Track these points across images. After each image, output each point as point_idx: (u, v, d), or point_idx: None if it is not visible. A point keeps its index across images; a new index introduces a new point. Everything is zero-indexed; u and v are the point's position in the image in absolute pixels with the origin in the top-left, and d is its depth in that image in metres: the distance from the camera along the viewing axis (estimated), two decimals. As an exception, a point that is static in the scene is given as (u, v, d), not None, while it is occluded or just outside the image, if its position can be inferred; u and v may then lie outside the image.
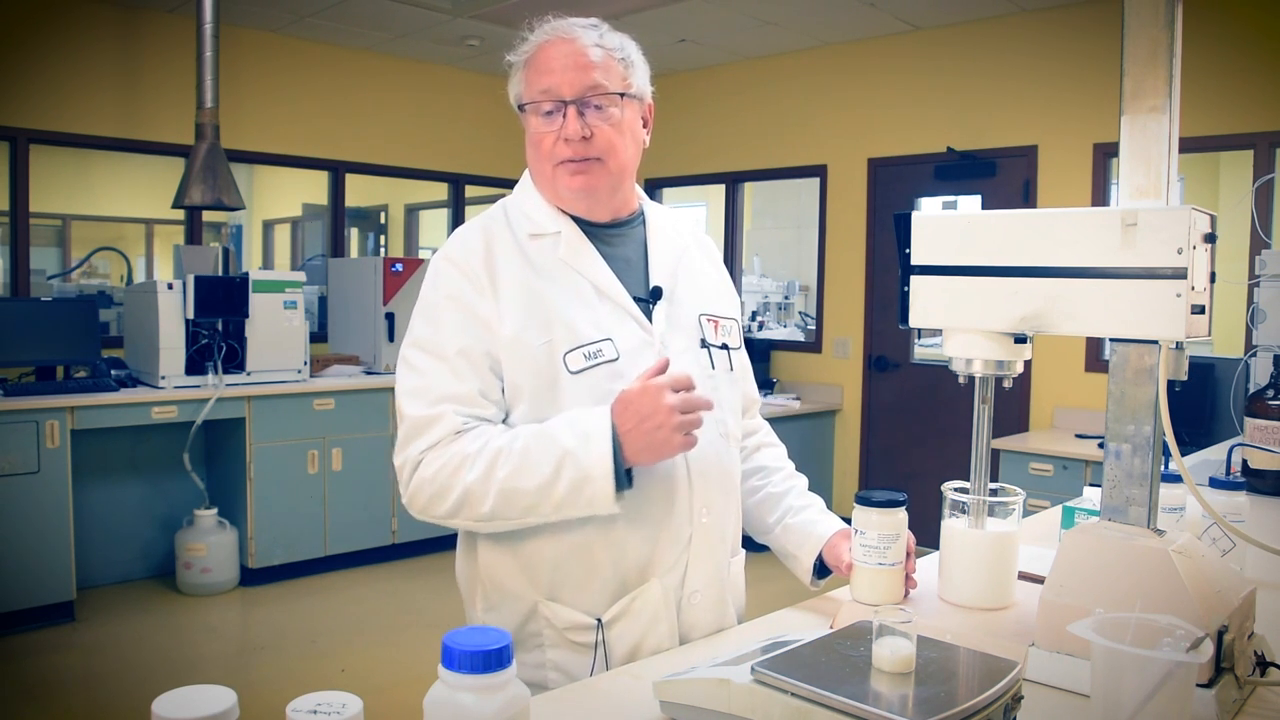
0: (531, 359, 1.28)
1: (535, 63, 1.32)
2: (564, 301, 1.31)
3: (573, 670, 1.30)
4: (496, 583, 1.34)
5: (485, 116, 6.22)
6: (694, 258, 1.47)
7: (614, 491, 1.21)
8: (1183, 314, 1.04)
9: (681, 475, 1.31)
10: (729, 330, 1.45)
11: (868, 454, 5.60)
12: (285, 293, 4.63)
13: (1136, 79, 1.12)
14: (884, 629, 0.94)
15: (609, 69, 1.31)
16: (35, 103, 4.71)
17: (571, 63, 1.29)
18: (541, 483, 1.22)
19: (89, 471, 4.36)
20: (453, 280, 1.31)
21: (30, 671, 3.59)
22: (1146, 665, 0.84)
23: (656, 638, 1.31)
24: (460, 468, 1.24)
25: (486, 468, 1.23)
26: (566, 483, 1.21)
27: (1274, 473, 2.22)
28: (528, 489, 1.22)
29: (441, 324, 1.30)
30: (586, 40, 1.31)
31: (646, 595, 1.30)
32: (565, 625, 1.30)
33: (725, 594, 1.39)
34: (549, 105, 1.30)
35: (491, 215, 1.39)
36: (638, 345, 1.32)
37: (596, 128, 1.30)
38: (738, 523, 1.45)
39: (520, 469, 1.22)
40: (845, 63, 5.60)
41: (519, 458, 1.23)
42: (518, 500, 1.23)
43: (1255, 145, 4.27)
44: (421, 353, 1.30)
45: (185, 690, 0.65)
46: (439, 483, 1.25)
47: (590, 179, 1.32)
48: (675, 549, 1.32)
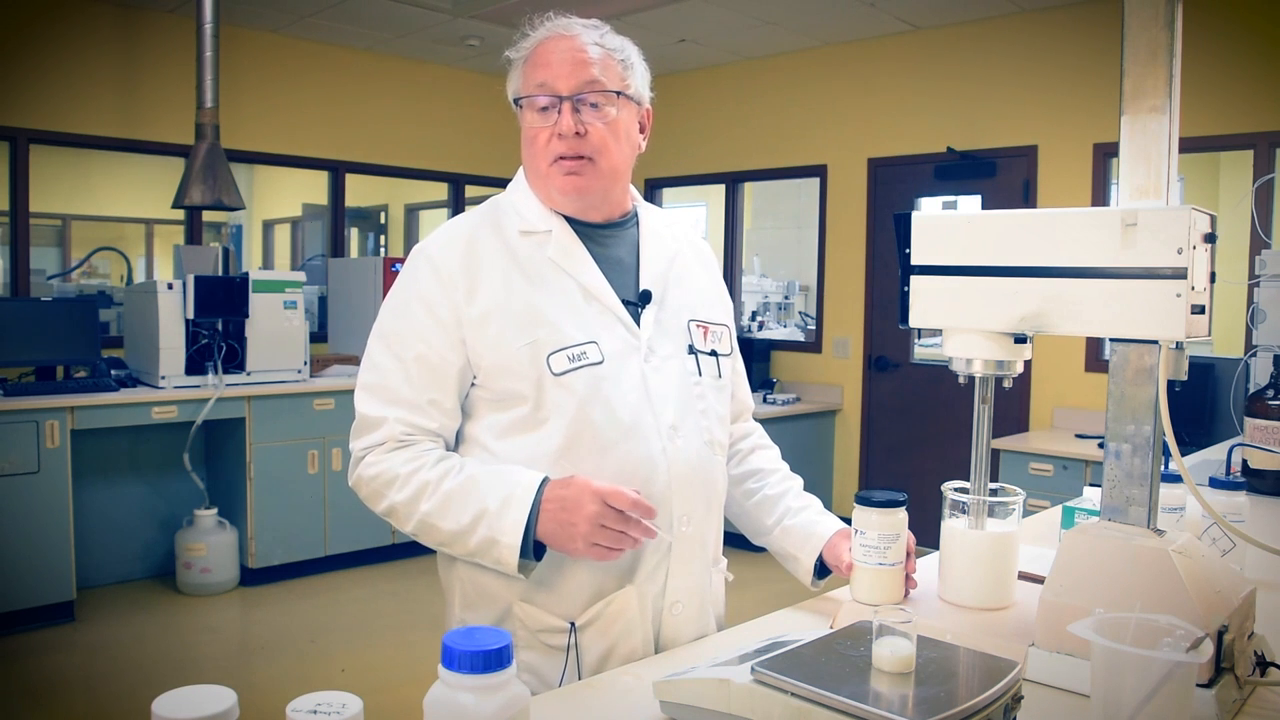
0: (514, 360, 1.27)
1: (534, 58, 1.32)
2: (549, 302, 1.30)
3: (544, 673, 1.29)
4: (475, 582, 1.34)
5: (485, 116, 6.22)
6: (687, 262, 1.46)
7: (517, 561, 1.22)
8: (1183, 314, 1.04)
9: (662, 484, 1.30)
10: (719, 336, 1.43)
11: (868, 454, 5.60)
12: (285, 293, 4.63)
13: (1136, 79, 1.12)
14: (884, 629, 0.94)
15: (607, 67, 1.31)
16: (35, 103, 4.71)
17: (569, 58, 1.29)
18: (457, 530, 1.25)
19: (89, 471, 4.36)
20: (425, 280, 1.31)
21: (30, 671, 3.59)
22: (1146, 665, 0.84)
23: (630, 645, 1.30)
24: (390, 484, 1.28)
25: (412, 496, 1.27)
26: (478, 538, 1.24)
27: (1274, 473, 2.22)
28: (444, 530, 1.26)
29: (406, 323, 1.31)
30: (586, 39, 1.31)
31: (622, 601, 1.29)
32: (539, 627, 1.30)
33: (706, 604, 1.39)
34: (544, 100, 1.30)
35: (480, 212, 1.39)
36: (623, 349, 1.31)
37: (590, 125, 1.30)
38: (719, 532, 1.44)
39: (441, 510, 1.26)
40: (845, 63, 5.60)
41: (442, 500, 1.26)
42: (434, 535, 1.28)
43: (1255, 145, 4.27)
44: (384, 347, 1.32)
45: (185, 690, 0.65)
46: (373, 488, 1.31)
47: (582, 180, 1.31)
48: (654, 558, 1.31)
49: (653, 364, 1.33)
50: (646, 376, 1.31)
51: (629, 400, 1.29)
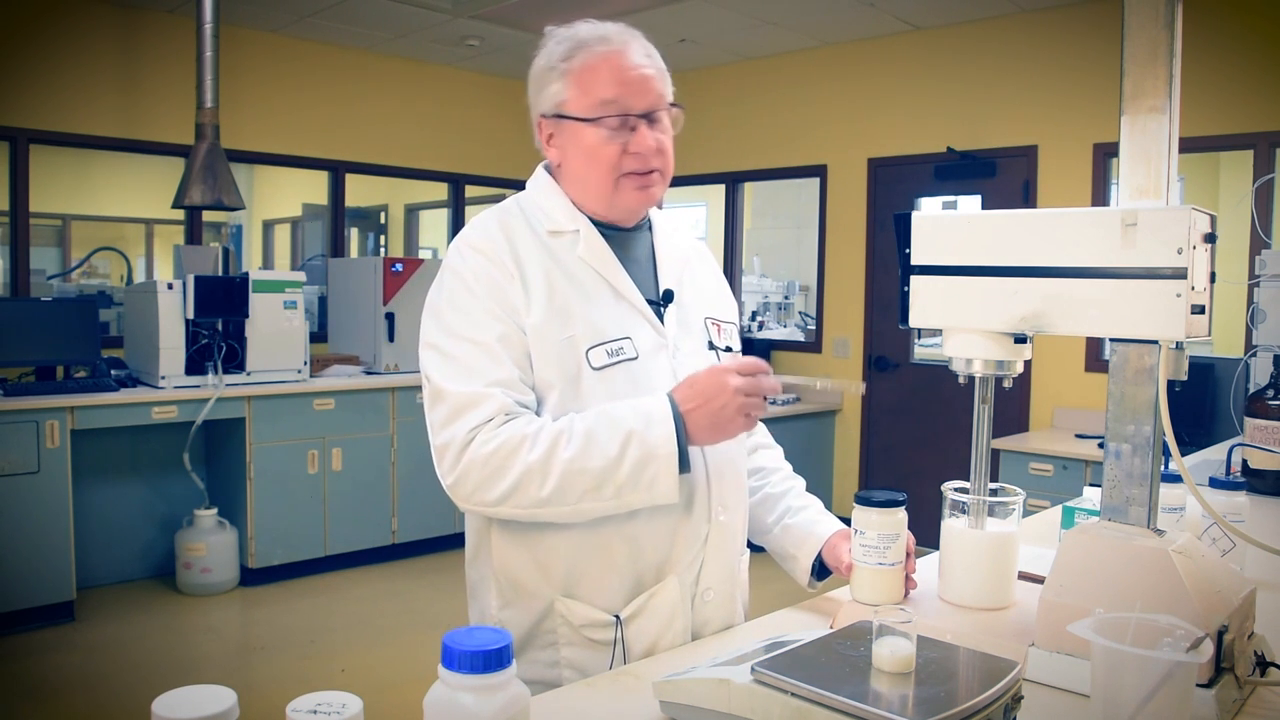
0: (555, 352, 1.27)
1: (592, 72, 1.31)
2: (585, 299, 1.31)
3: (588, 668, 1.29)
4: (513, 580, 1.33)
5: (485, 116, 6.22)
6: (694, 262, 1.49)
7: (677, 472, 1.21)
8: (1183, 314, 1.04)
9: (700, 473, 1.32)
10: (730, 334, 1.47)
11: (868, 454, 5.60)
12: (285, 293, 4.63)
13: (1136, 79, 1.12)
14: (884, 629, 0.94)
15: (664, 81, 1.34)
16: (35, 103, 4.71)
17: (636, 75, 1.30)
18: (606, 463, 1.20)
19: (89, 471, 4.36)
20: (481, 267, 1.29)
21: (30, 671, 3.59)
22: (1146, 665, 0.84)
23: (673, 635, 1.31)
24: (519, 447, 1.20)
25: (549, 447, 1.20)
26: (631, 463, 1.20)
27: (1274, 473, 2.22)
28: (592, 469, 1.20)
29: (474, 311, 1.27)
30: (642, 52, 1.33)
31: (665, 592, 1.30)
32: (582, 622, 1.30)
33: (736, 591, 1.41)
34: (615, 120, 1.30)
35: (506, 209, 1.38)
36: (653, 347, 1.33)
37: (661, 140, 1.33)
38: (745, 521, 1.46)
39: (585, 450, 1.20)
40: (845, 63, 5.60)
41: (582, 439, 1.21)
42: (579, 482, 1.21)
43: (1255, 145, 4.27)
44: (456, 339, 1.27)
45: (185, 690, 0.66)
46: (494, 464, 1.21)
47: (655, 192, 1.35)
48: (693, 547, 1.32)
49: (679, 360, 1.35)
50: (676, 372, 1.33)
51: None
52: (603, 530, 1.27)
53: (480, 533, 1.37)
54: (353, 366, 5.09)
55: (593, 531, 1.28)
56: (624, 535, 1.28)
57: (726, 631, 1.38)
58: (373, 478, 4.85)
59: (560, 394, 1.28)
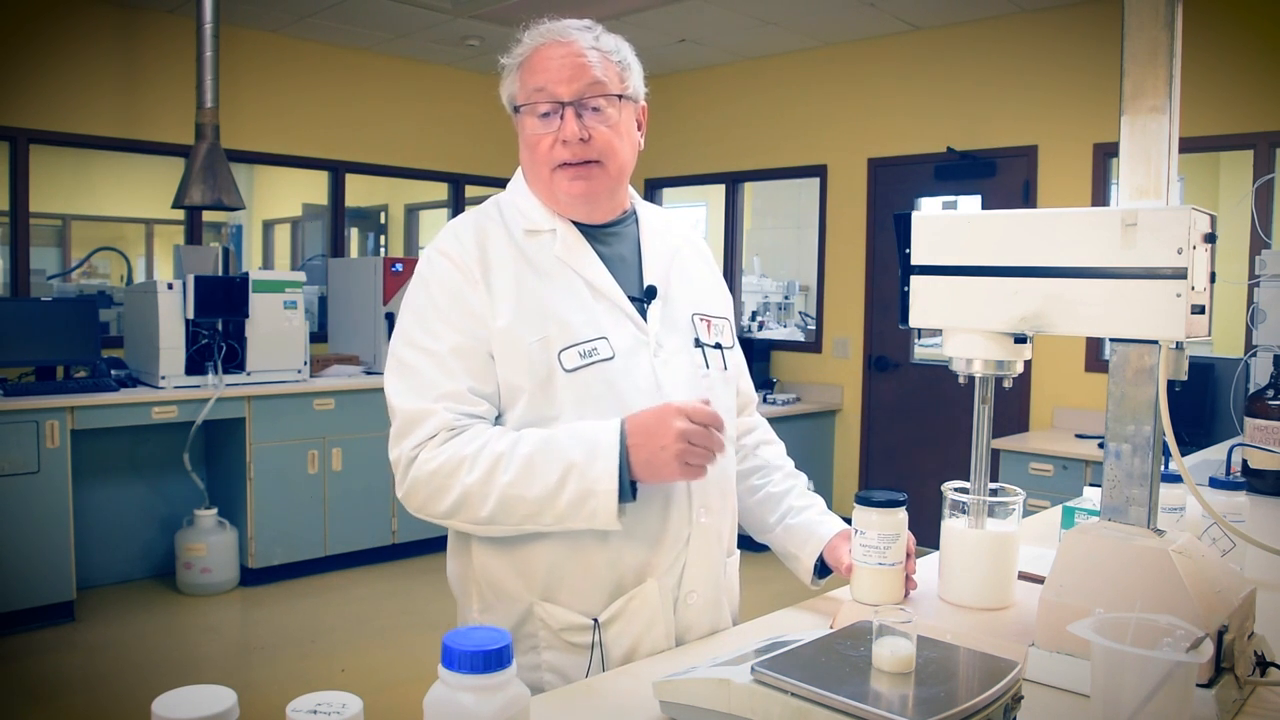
0: (525, 356, 1.27)
1: (531, 64, 1.31)
2: (559, 299, 1.30)
3: (568, 672, 1.29)
4: (492, 584, 1.33)
5: (485, 116, 6.21)
6: (686, 257, 1.47)
7: (617, 507, 1.20)
8: (1183, 314, 1.04)
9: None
10: (721, 329, 1.44)
11: (868, 454, 5.60)
12: (285, 293, 4.63)
13: (1136, 79, 1.12)
14: (884, 629, 0.94)
15: (606, 70, 1.31)
16: (35, 103, 4.71)
17: (569, 64, 1.29)
18: (544, 493, 1.21)
19: (89, 471, 4.36)
20: (445, 273, 1.30)
21: (30, 671, 3.59)
22: (1146, 665, 0.84)
23: (653, 639, 1.30)
24: (459, 468, 1.22)
25: (487, 472, 1.21)
26: (570, 494, 1.20)
27: (1274, 473, 2.22)
28: (529, 498, 1.21)
29: (434, 320, 1.28)
30: (583, 42, 1.31)
31: (644, 596, 1.29)
32: (561, 626, 1.29)
33: (721, 595, 1.39)
34: (545, 107, 1.29)
35: (484, 211, 1.38)
36: (632, 345, 1.32)
37: (595, 130, 1.30)
38: (734, 523, 1.45)
39: (523, 476, 1.21)
40: (845, 63, 5.60)
41: (522, 465, 1.21)
42: (518, 508, 1.22)
43: (1255, 145, 4.27)
44: (412, 349, 1.29)
45: (185, 690, 0.65)
46: (435, 483, 1.23)
47: (590, 184, 1.32)
48: (673, 550, 1.31)
49: (662, 358, 1.33)
50: (657, 371, 1.32)
51: (642, 395, 1.29)
52: (581, 535, 1.26)
53: (459, 537, 1.37)
54: (353, 366, 5.09)
55: (571, 536, 1.27)
56: (604, 540, 1.27)
57: (726, 632, 1.38)
58: (373, 478, 4.85)
59: (530, 398, 1.27)
